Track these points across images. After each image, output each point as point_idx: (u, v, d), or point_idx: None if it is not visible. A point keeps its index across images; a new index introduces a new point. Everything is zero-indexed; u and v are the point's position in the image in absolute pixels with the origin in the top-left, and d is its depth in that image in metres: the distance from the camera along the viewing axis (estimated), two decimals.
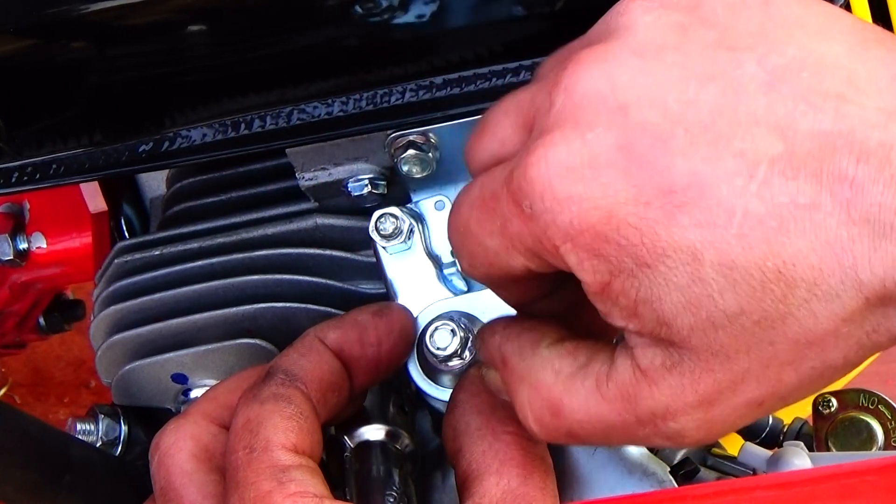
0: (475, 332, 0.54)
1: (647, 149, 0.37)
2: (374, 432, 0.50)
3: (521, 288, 0.45)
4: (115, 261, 0.66)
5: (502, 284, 0.45)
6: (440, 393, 0.54)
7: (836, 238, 0.35)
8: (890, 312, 0.36)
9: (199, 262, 0.62)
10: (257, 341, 0.60)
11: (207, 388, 0.61)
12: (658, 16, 0.39)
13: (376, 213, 0.55)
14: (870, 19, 0.66)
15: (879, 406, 0.73)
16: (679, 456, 0.58)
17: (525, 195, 0.38)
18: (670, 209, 0.36)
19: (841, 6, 0.48)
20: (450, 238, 0.44)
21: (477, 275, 0.43)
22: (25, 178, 0.56)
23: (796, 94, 0.36)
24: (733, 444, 0.73)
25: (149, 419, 0.67)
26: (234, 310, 0.60)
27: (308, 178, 0.59)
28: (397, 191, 0.59)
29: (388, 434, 0.50)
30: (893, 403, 0.73)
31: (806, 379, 0.39)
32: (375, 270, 0.59)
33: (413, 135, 0.54)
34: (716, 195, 0.36)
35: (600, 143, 0.37)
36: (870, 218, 0.35)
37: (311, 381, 0.48)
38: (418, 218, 0.57)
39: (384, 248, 0.56)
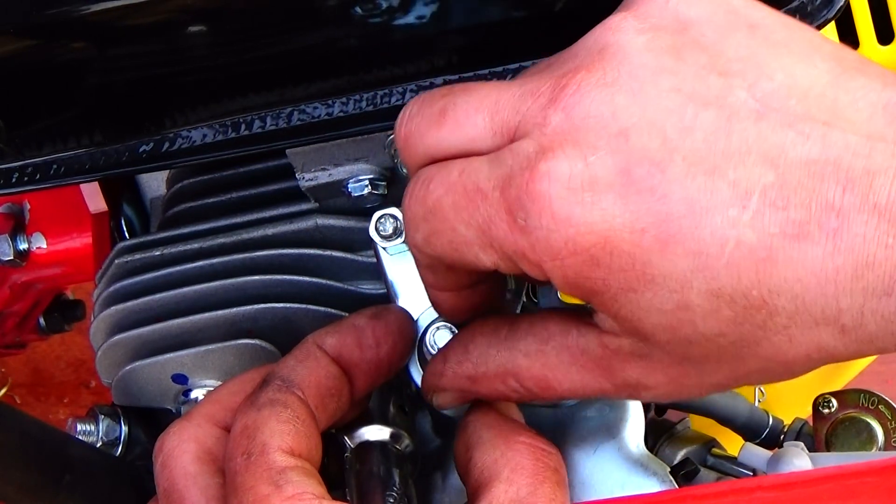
0: None
1: (646, 176, 0.37)
2: (374, 433, 0.50)
3: (463, 276, 0.46)
4: (116, 261, 0.66)
5: (446, 268, 0.45)
6: None
7: (821, 268, 0.36)
8: (861, 338, 0.37)
9: (200, 263, 0.62)
10: (257, 342, 0.60)
11: (208, 388, 0.61)
12: (652, 38, 0.39)
13: (376, 214, 0.55)
14: (870, 19, 0.66)
15: (880, 406, 0.73)
16: (679, 456, 0.58)
17: (522, 207, 0.38)
18: (665, 237, 0.37)
19: (841, 6, 0.48)
20: (409, 205, 0.43)
21: (428, 250, 0.43)
22: (25, 178, 0.56)
23: (785, 121, 0.37)
24: (733, 445, 0.73)
25: (149, 420, 0.67)
26: (234, 310, 0.60)
27: (308, 179, 0.59)
28: (398, 191, 0.59)
29: (388, 434, 0.50)
30: (893, 404, 0.73)
31: (768, 378, 0.41)
32: (376, 271, 0.59)
33: None
34: (710, 225, 0.36)
35: (602, 166, 0.37)
36: (854, 248, 0.35)
37: (309, 386, 0.48)
38: None
39: (384, 248, 0.56)
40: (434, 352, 0.53)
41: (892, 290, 0.35)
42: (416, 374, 0.54)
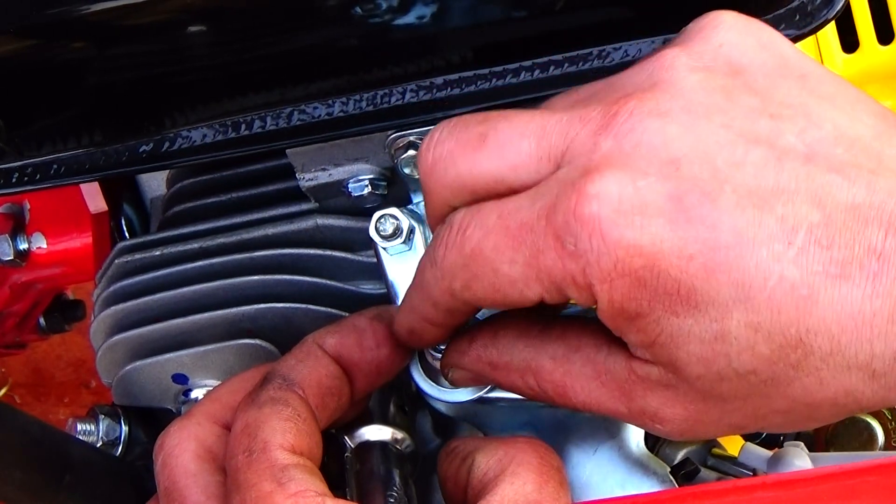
0: None
1: (697, 204, 0.38)
2: (374, 432, 0.50)
3: (468, 316, 0.47)
4: (116, 261, 0.66)
5: (465, 312, 0.46)
6: (441, 393, 0.54)
7: (859, 311, 0.37)
8: (890, 384, 0.38)
9: (200, 263, 0.62)
10: (257, 342, 0.60)
11: (208, 388, 0.61)
12: (704, 77, 0.40)
13: (376, 214, 0.55)
14: (870, 19, 0.66)
15: None
16: (679, 456, 0.58)
17: (571, 232, 0.39)
18: (712, 265, 0.37)
19: (841, 6, 0.48)
20: (444, 255, 0.43)
21: (466, 296, 0.44)
22: (25, 178, 0.56)
23: (833, 166, 0.38)
24: (733, 445, 0.73)
25: (149, 419, 0.67)
26: (234, 310, 0.60)
27: (308, 179, 0.59)
28: (398, 191, 0.59)
29: (388, 434, 0.50)
30: None
31: (790, 423, 0.41)
32: (376, 271, 0.59)
33: (413, 135, 0.54)
34: (755, 257, 0.37)
35: (652, 191, 0.38)
36: (892, 292, 0.36)
37: (309, 385, 0.48)
38: (419, 219, 0.57)
39: (385, 248, 0.56)
40: (434, 353, 0.53)
41: None
42: (417, 373, 0.54)
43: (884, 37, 0.65)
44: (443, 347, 0.53)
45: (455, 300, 0.44)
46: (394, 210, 0.55)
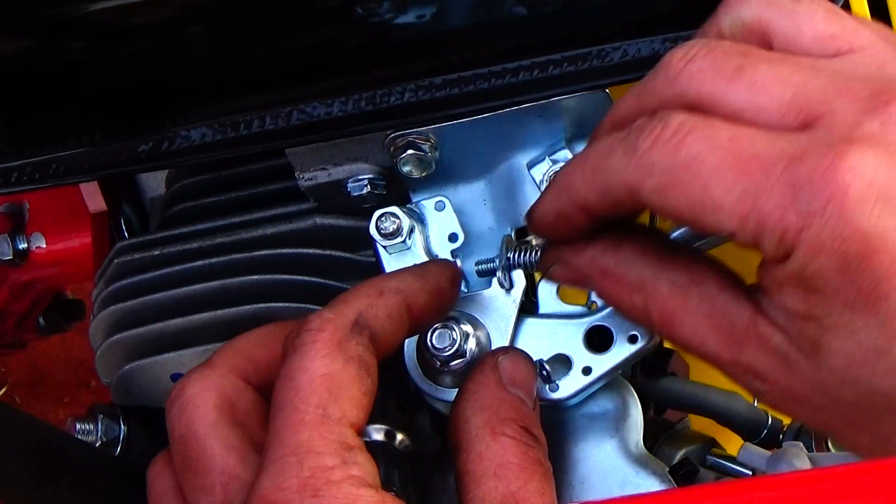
0: (474, 331, 0.54)
1: None
2: (374, 432, 0.50)
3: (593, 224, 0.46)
4: (115, 260, 0.66)
5: (668, 217, 0.43)
6: (440, 393, 0.54)
7: None
8: None
9: (199, 262, 0.62)
10: None
11: None
12: None
13: (377, 213, 0.55)
14: (869, 19, 0.66)
15: None
16: (679, 456, 0.58)
17: (811, 188, 0.38)
18: None
19: (840, 7, 0.48)
20: (649, 148, 0.41)
21: (652, 199, 0.41)
22: (25, 178, 0.56)
23: None
24: (733, 445, 0.73)
25: (148, 419, 0.67)
26: (233, 310, 0.60)
27: (307, 179, 0.59)
28: (397, 191, 0.59)
29: (387, 434, 0.50)
30: None
31: (876, 452, 0.41)
32: (375, 270, 0.59)
33: (413, 135, 0.54)
34: None
35: None
36: None
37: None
38: (418, 218, 0.57)
39: (384, 247, 0.56)
40: (433, 351, 0.53)
41: None
42: (416, 373, 0.54)
43: None
44: (446, 346, 0.53)
45: (634, 198, 0.42)
46: (394, 208, 0.55)
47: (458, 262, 0.56)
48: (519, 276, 0.55)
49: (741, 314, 0.42)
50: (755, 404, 0.78)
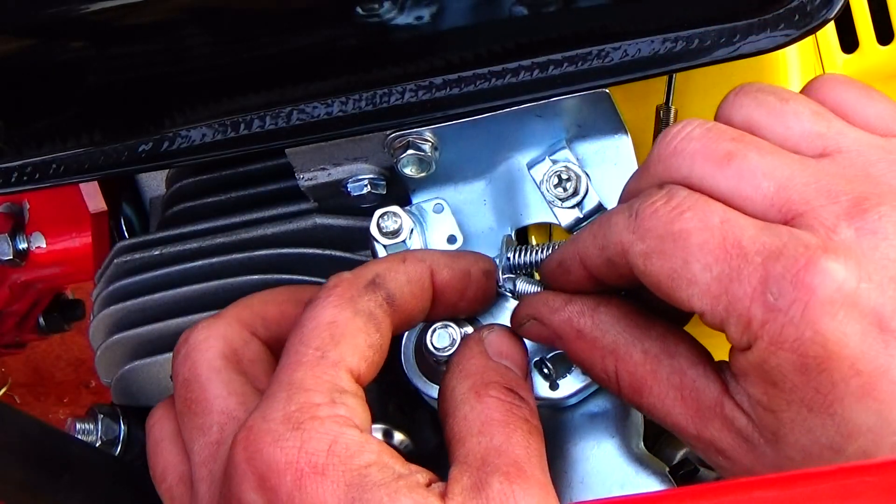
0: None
1: (894, 330, 0.38)
2: (373, 431, 0.50)
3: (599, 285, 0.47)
4: (115, 260, 0.66)
5: (647, 284, 0.44)
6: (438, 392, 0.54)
7: None
8: None
9: (199, 262, 0.62)
10: None
11: None
12: None
13: (378, 212, 0.55)
14: (869, 19, 0.66)
15: None
16: (679, 456, 0.58)
17: (780, 286, 0.39)
18: (870, 388, 0.38)
19: (841, 6, 0.48)
20: (647, 215, 0.43)
21: (638, 263, 0.43)
22: (25, 178, 0.56)
23: None
24: None
25: None
26: None
27: (307, 179, 0.59)
28: (397, 191, 0.59)
29: (385, 433, 0.50)
30: None
31: None
32: None
33: (412, 135, 0.54)
34: None
35: (866, 297, 0.39)
36: None
37: (403, 314, 0.48)
38: (418, 219, 0.57)
39: (384, 247, 0.56)
40: (434, 351, 0.53)
41: None
42: (415, 373, 0.54)
43: (883, 37, 0.65)
44: (446, 346, 0.53)
45: (623, 258, 0.44)
46: (395, 208, 0.55)
47: None
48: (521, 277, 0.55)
49: (709, 392, 0.43)
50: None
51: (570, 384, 0.53)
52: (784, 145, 0.44)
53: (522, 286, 0.53)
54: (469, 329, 0.54)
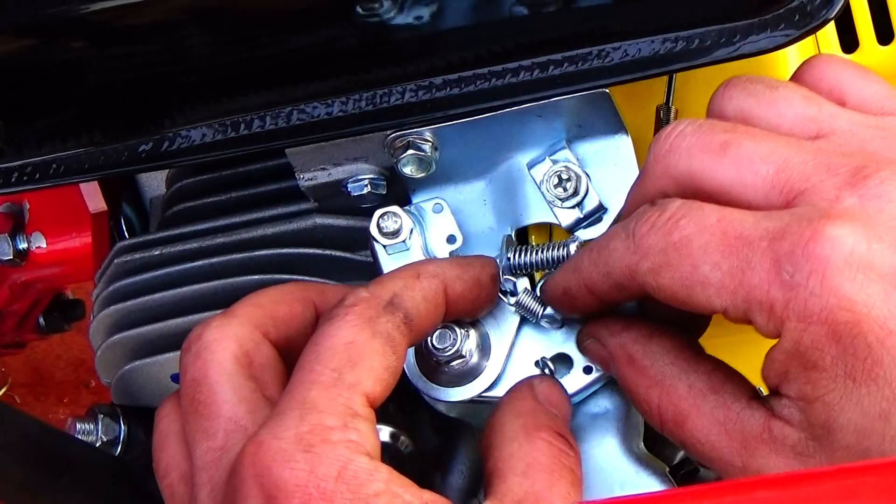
0: (475, 331, 0.54)
1: None
2: (380, 433, 0.50)
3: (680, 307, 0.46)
4: (115, 260, 0.66)
5: (662, 298, 0.44)
6: (440, 394, 0.54)
7: None
8: None
9: (199, 262, 0.62)
10: None
11: None
12: None
13: (378, 212, 0.55)
14: (870, 19, 0.66)
15: None
16: (679, 456, 0.58)
17: (793, 262, 0.39)
18: None
19: (841, 6, 0.48)
20: (646, 233, 0.43)
21: (649, 280, 0.43)
22: (25, 178, 0.56)
23: None
24: None
25: (148, 419, 0.67)
26: None
27: (307, 179, 0.59)
28: (397, 191, 0.59)
29: (393, 436, 0.50)
30: None
31: None
32: (375, 271, 0.59)
33: (413, 135, 0.54)
34: None
35: (881, 256, 0.38)
36: None
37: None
38: (418, 220, 0.57)
39: (384, 247, 0.56)
40: (433, 351, 0.53)
41: None
42: (416, 373, 0.54)
43: (883, 37, 0.65)
44: (446, 346, 0.53)
45: (632, 279, 0.44)
46: (396, 208, 0.55)
47: None
48: (521, 277, 0.55)
49: (754, 420, 0.43)
50: None
51: (571, 384, 0.53)
52: (778, 131, 0.44)
53: (524, 299, 0.54)
54: (470, 330, 0.54)
